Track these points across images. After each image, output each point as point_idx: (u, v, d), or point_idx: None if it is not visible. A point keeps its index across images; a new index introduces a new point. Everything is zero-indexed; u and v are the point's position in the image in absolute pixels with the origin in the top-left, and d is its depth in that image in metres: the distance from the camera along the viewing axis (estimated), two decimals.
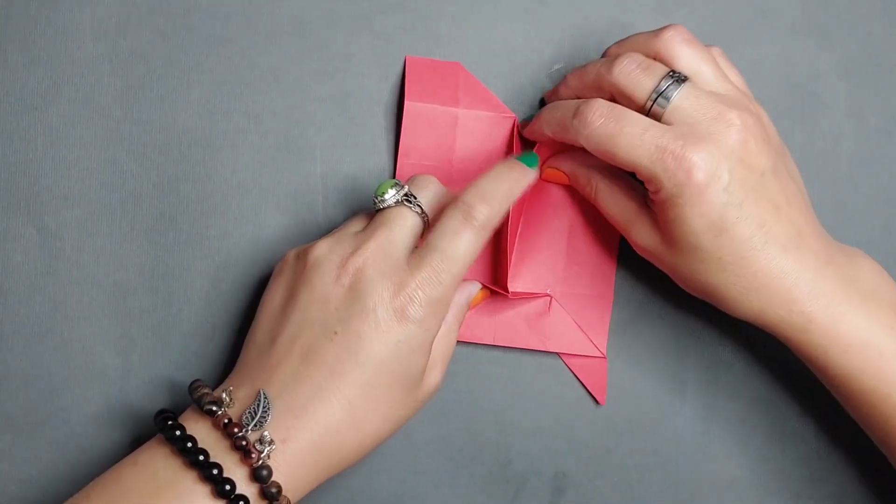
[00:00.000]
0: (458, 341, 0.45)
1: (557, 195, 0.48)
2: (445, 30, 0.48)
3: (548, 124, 0.43)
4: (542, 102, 0.48)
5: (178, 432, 0.37)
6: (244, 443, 0.36)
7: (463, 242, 0.39)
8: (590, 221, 0.48)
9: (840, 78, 0.49)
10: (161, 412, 0.39)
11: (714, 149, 0.38)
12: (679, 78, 0.40)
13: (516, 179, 0.41)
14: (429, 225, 0.41)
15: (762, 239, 0.39)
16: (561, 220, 0.48)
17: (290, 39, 0.48)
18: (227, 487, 0.36)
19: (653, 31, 0.42)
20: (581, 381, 0.48)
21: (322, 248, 0.40)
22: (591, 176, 0.45)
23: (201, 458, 0.36)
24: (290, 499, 0.37)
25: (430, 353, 0.40)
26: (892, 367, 0.40)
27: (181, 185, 0.47)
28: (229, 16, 0.47)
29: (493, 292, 0.46)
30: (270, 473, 0.36)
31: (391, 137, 0.48)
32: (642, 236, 0.43)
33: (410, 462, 0.47)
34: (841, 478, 0.48)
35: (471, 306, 0.45)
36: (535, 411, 0.48)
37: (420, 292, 0.38)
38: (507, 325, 0.47)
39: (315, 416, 0.37)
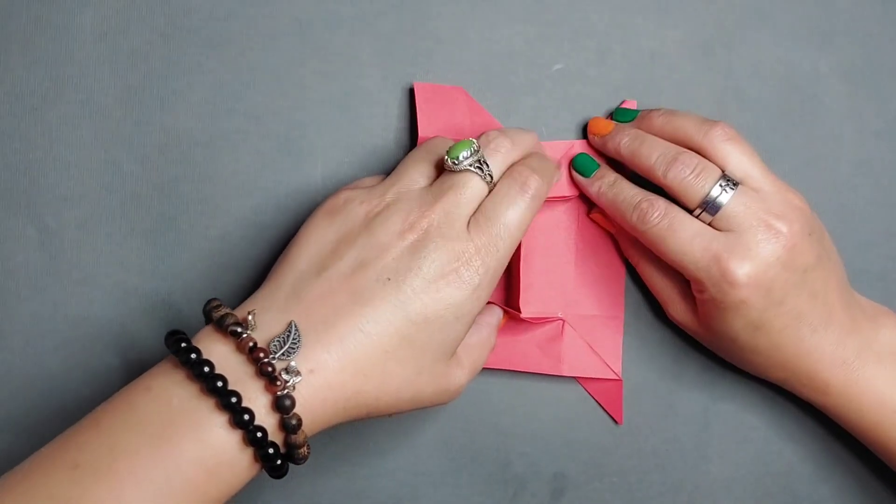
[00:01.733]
0: None
1: (562, 219, 0.47)
2: (445, 31, 0.48)
3: (607, 202, 0.45)
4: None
5: (193, 355, 0.35)
6: (270, 369, 0.35)
7: (518, 213, 0.40)
8: (596, 243, 0.48)
9: (840, 80, 0.49)
10: (173, 333, 0.37)
11: (760, 261, 0.41)
12: (730, 185, 0.41)
13: (554, 166, 0.44)
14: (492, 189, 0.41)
15: (796, 327, 0.42)
16: (567, 244, 0.48)
17: (291, 40, 0.48)
18: (246, 417, 0.35)
19: (700, 124, 0.43)
20: (599, 403, 0.48)
21: (387, 202, 0.40)
22: (636, 246, 0.46)
23: (219, 384, 0.35)
24: (306, 434, 0.36)
25: (469, 327, 0.40)
26: None
27: (181, 185, 0.47)
28: (230, 17, 0.47)
29: (507, 314, 0.46)
30: (294, 404, 0.35)
31: (391, 138, 0.48)
32: (679, 313, 0.46)
33: (410, 463, 0.47)
34: (841, 478, 0.48)
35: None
36: (534, 413, 0.48)
37: (477, 259, 0.39)
38: (521, 350, 0.47)
39: (348, 355, 0.37)
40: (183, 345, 0.36)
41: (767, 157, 0.48)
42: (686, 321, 0.46)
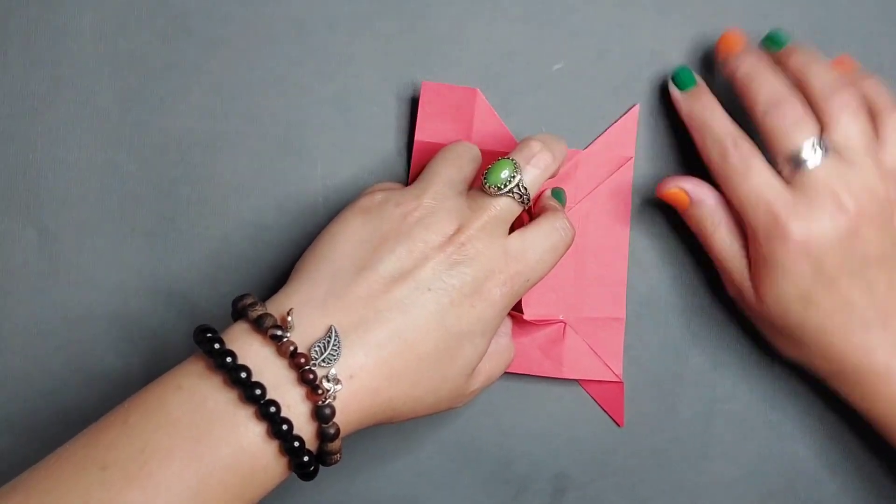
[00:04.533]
0: None
1: None
2: (445, 31, 0.48)
3: (696, 125, 0.44)
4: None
5: (228, 359, 0.35)
6: (312, 377, 0.35)
7: (555, 255, 0.41)
8: (597, 245, 0.48)
9: None
10: (204, 330, 0.36)
11: (817, 228, 0.40)
12: (822, 147, 0.41)
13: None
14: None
15: (846, 315, 0.41)
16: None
17: (290, 41, 0.48)
18: (285, 428, 0.34)
19: (829, 84, 0.42)
20: (600, 405, 0.48)
21: (425, 211, 0.39)
22: (717, 213, 0.44)
23: (258, 392, 0.34)
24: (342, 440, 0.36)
25: (490, 341, 0.40)
26: None
27: (181, 186, 0.47)
28: (228, 18, 0.47)
29: (509, 316, 0.46)
30: (333, 413, 0.35)
31: (390, 138, 0.48)
32: (739, 285, 0.44)
33: (411, 464, 0.47)
34: (841, 478, 0.48)
35: None
36: (535, 412, 0.48)
37: (510, 282, 0.39)
38: (523, 353, 0.47)
39: (385, 361, 0.36)
40: (216, 346, 0.35)
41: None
42: (748, 294, 0.44)
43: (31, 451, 0.46)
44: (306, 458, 0.35)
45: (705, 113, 0.44)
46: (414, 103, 0.48)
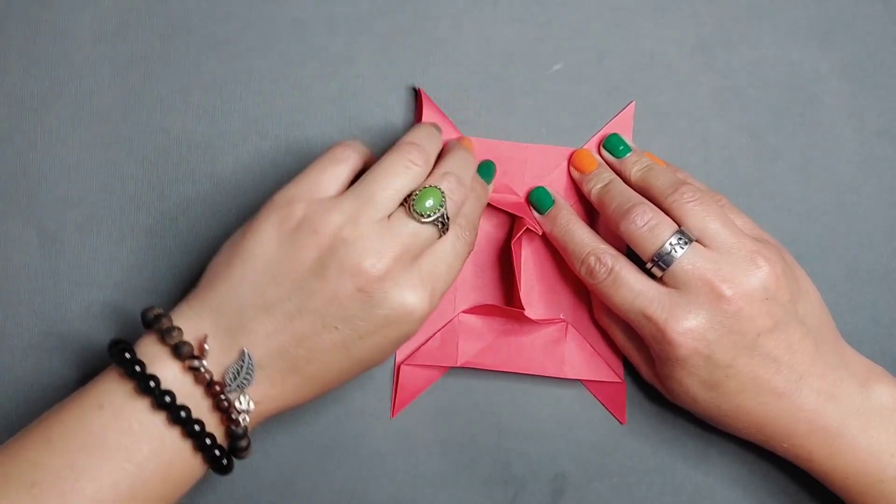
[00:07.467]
0: (472, 368, 0.47)
1: None
2: (444, 31, 0.48)
3: (558, 246, 0.46)
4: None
5: (151, 383, 0.37)
6: (226, 405, 0.37)
7: (461, 261, 0.42)
8: None
9: (841, 80, 0.49)
10: (117, 344, 0.38)
11: (698, 322, 0.41)
12: (683, 241, 0.41)
13: (484, 196, 0.45)
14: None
15: (755, 391, 0.42)
16: None
17: (290, 41, 0.48)
18: (209, 442, 0.37)
19: (666, 186, 0.43)
20: (603, 404, 0.48)
21: (344, 239, 0.38)
22: (606, 312, 0.47)
23: (183, 414, 0.37)
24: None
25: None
26: (893, 490, 0.41)
27: (181, 186, 0.47)
28: (229, 18, 0.47)
29: (511, 315, 0.46)
30: (245, 433, 0.38)
31: (391, 139, 0.48)
32: (649, 376, 0.46)
33: (410, 464, 0.47)
34: None
35: None
36: (534, 413, 0.48)
37: (427, 303, 0.40)
38: (525, 353, 0.47)
39: (291, 391, 0.39)
40: (137, 368, 0.37)
41: (767, 157, 0.48)
42: (656, 384, 0.45)
43: None
44: (225, 462, 0.38)
45: (564, 233, 0.45)
46: (413, 103, 0.48)
